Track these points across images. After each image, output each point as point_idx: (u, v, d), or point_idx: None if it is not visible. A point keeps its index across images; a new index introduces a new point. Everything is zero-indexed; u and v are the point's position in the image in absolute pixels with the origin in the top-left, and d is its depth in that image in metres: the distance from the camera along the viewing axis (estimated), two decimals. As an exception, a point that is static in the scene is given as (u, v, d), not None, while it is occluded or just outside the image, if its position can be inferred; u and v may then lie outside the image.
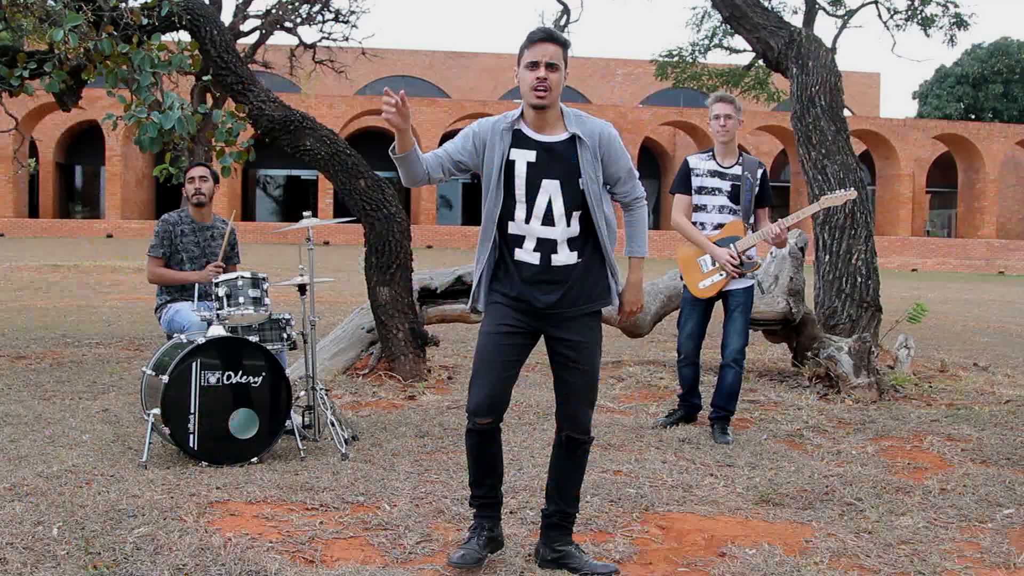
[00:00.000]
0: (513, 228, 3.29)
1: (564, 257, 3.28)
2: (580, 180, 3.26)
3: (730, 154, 5.57)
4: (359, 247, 7.18)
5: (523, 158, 3.26)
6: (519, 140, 3.28)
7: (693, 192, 5.56)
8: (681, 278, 5.71)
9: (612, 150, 3.34)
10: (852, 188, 5.64)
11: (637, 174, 3.49)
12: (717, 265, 5.48)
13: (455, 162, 3.34)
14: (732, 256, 5.40)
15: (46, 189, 35.30)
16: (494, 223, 3.29)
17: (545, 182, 3.25)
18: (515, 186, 3.26)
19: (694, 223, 5.57)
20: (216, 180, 5.82)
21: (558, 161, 3.26)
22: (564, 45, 3.25)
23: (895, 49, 70.57)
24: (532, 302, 3.29)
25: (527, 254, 3.28)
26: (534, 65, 3.21)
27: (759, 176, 5.56)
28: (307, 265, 5.11)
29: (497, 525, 3.43)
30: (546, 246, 3.27)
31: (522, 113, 3.32)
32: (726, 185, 5.52)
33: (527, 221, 3.27)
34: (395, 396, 6.44)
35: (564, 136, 3.29)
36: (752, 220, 5.58)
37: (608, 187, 3.40)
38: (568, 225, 3.28)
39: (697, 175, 5.56)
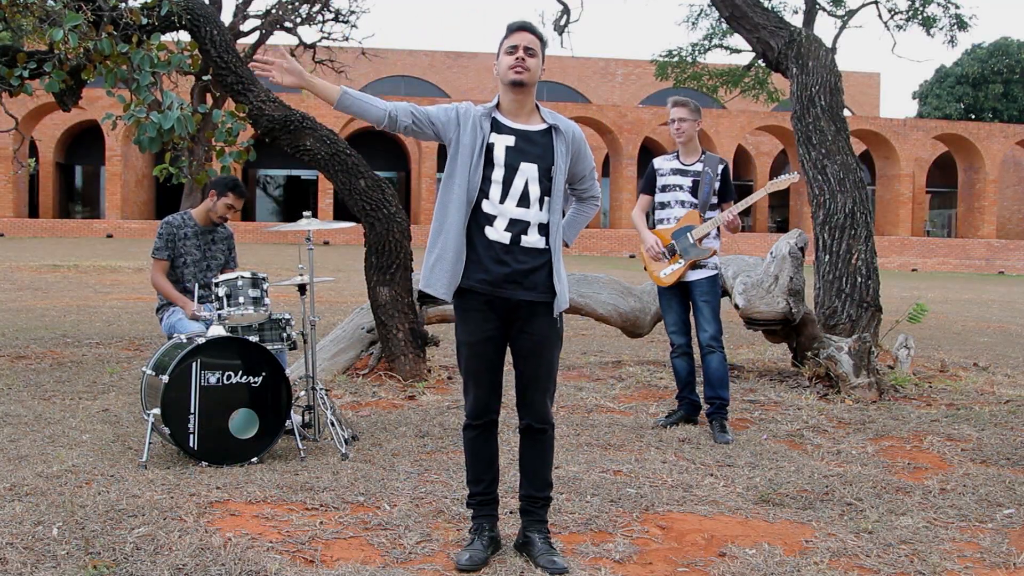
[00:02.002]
0: (487, 207, 3.35)
1: (534, 240, 3.37)
2: (552, 168, 3.39)
3: (692, 152, 5.81)
4: (359, 247, 7.18)
5: (502, 142, 3.36)
6: (497, 126, 3.39)
7: (658, 191, 5.83)
8: (645, 268, 5.91)
9: (583, 148, 3.51)
10: (795, 172, 5.88)
11: (596, 175, 3.68)
12: (675, 254, 5.71)
13: (430, 121, 3.41)
14: (655, 245, 5.71)
15: (46, 189, 35.27)
16: (471, 204, 3.34)
17: (523, 165, 3.36)
18: (493, 168, 3.35)
19: (660, 219, 5.84)
20: None
21: (535, 147, 3.39)
22: (542, 38, 3.42)
23: (895, 49, 70.58)
24: (503, 292, 3.33)
25: (497, 233, 3.34)
26: (513, 49, 3.36)
27: (719, 172, 5.79)
28: (307, 265, 5.11)
29: (495, 525, 3.48)
30: (517, 226, 3.35)
31: (497, 104, 3.45)
32: (687, 181, 5.77)
33: (501, 201, 3.34)
34: (395, 396, 6.45)
35: (542, 126, 3.43)
36: (716, 213, 5.79)
37: (571, 185, 3.56)
38: (540, 209, 3.38)
39: (661, 175, 5.83)
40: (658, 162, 5.87)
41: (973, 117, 45.12)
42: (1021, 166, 41.86)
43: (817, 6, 16.93)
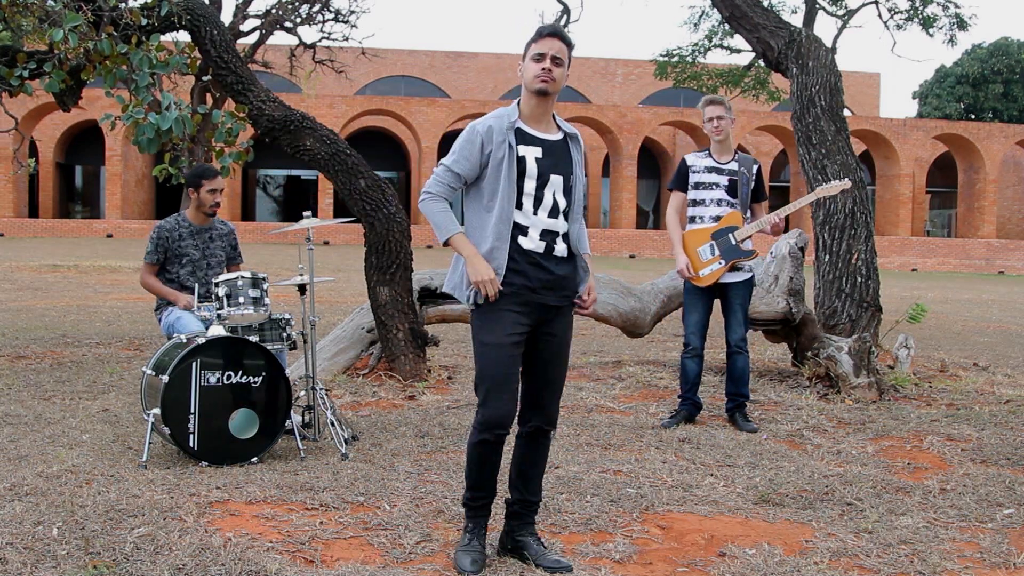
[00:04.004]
0: (519, 217, 3.32)
1: (562, 249, 3.39)
2: (572, 178, 3.40)
3: (726, 151, 5.80)
4: (359, 247, 7.18)
5: (531, 154, 3.33)
6: (523, 137, 3.34)
7: (691, 188, 5.79)
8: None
9: (583, 157, 3.53)
10: (847, 179, 5.90)
11: None
12: (716, 254, 5.67)
13: (460, 177, 3.35)
14: (687, 269, 5.68)
15: (46, 189, 35.28)
16: (511, 221, 3.30)
17: (552, 177, 3.36)
18: (524, 179, 3.31)
19: (692, 217, 5.80)
20: None
21: (559, 158, 3.38)
22: (570, 45, 3.38)
23: (895, 49, 70.55)
24: (539, 297, 3.32)
25: (531, 242, 3.33)
26: (541, 56, 3.32)
27: (754, 172, 5.81)
28: (307, 265, 5.11)
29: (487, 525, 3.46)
30: (549, 236, 3.35)
31: (518, 110, 3.39)
32: (723, 180, 5.74)
33: (535, 212, 3.34)
34: (395, 396, 6.44)
35: (559, 136, 3.42)
36: (749, 214, 5.82)
37: None
38: (565, 219, 3.39)
39: (695, 172, 5.78)
40: (690, 158, 5.82)
41: (973, 117, 45.12)
42: (1021, 166, 41.86)
43: (817, 6, 16.91)
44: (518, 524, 3.44)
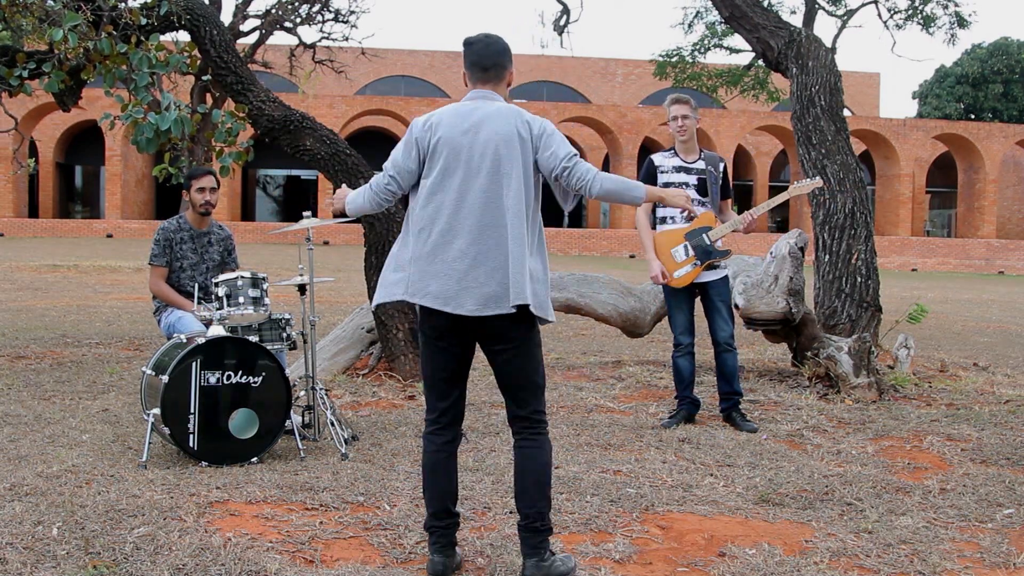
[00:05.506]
0: None
1: None
2: None
3: (692, 150, 5.82)
4: (359, 247, 7.19)
5: None
6: None
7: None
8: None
9: None
10: (817, 176, 5.89)
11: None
12: (690, 255, 5.69)
13: None
14: (661, 274, 5.69)
15: (46, 189, 35.28)
16: None
17: None
18: None
19: (663, 217, 5.81)
20: (217, 183, 5.80)
21: None
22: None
23: (895, 49, 70.53)
24: None
25: None
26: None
27: (721, 169, 5.85)
28: (307, 265, 5.11)
29: None
30: None
31: None
32: (692, 179, 5.77)
33: None
34: (395, 396, 6.45)
35: None
36: (717, 212, 5.86)
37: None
38: None
39: (663, 172, 5.79)
40: (657, 159, 5.84)
41: (973, 117, 45.12)
42: (1021, 166, 41.87)
43: (817, 6, 16.92)
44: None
